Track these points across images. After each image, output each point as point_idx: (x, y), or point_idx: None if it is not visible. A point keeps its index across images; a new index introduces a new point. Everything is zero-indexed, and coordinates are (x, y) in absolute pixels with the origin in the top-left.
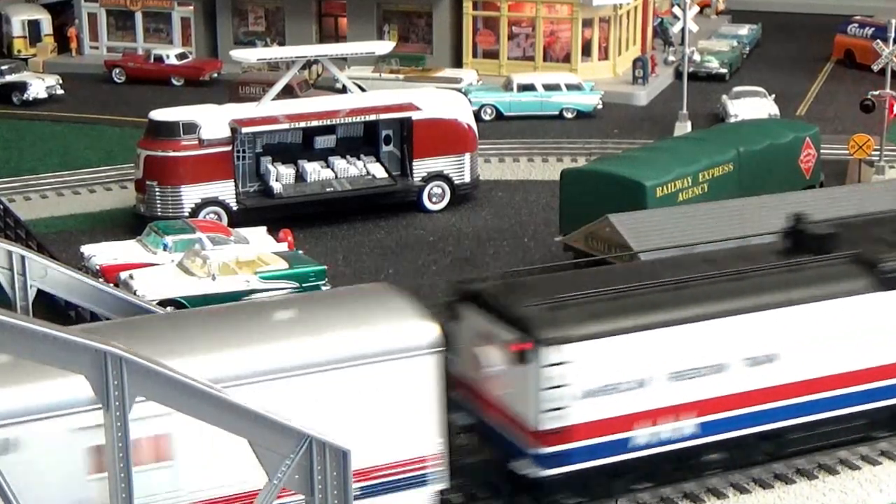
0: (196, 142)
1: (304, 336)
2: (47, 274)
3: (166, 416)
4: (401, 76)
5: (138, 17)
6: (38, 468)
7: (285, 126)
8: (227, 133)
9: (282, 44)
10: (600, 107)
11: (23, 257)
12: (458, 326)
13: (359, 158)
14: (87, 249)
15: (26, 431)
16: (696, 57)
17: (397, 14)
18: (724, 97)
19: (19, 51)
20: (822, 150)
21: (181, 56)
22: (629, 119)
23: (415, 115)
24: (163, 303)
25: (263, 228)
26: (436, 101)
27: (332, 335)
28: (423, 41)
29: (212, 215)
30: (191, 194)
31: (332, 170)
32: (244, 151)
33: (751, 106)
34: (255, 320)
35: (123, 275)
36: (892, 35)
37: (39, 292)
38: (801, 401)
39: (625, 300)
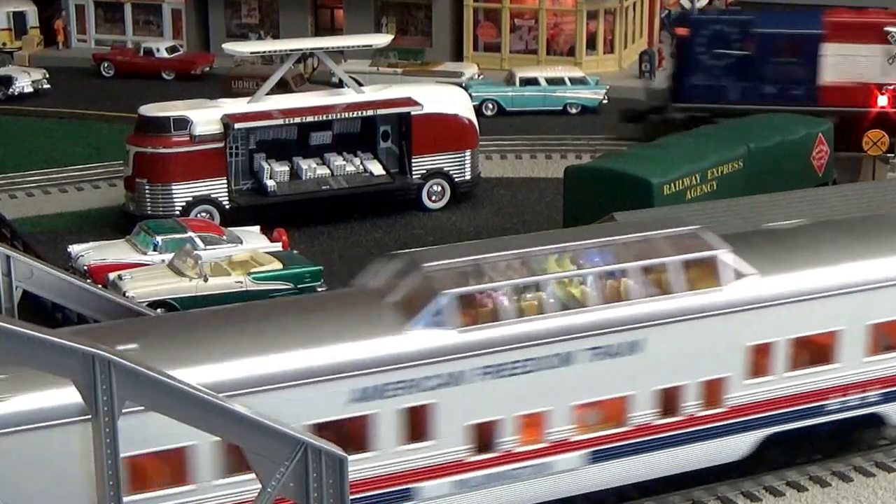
0: (187, 138)
1: None
2: (33, 274)
3: None
4: (399, 70)
5: (127, 8)
6: None
7: (280, 122)
8: (219, 129)
9: (276, 36)
10: (605, 102)
11: (8, 257)
12: None
13: (356, 155)
14: (74, 249)
15: None
16: None
17: (395, 6)
18: None
19: (4, 44)
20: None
21: (172, 49)
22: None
23: (414, 111)
24: (153, 304)
25: (257, 228)
26: (435, 96)
27: None
28: (423, 34)
29: (204, 214)
30: (182, 192)
31: (329, 167)
32: (237, 148)
33: None
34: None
35: (112, 275)
36: None
37: (25, 293)
38: None
39: None
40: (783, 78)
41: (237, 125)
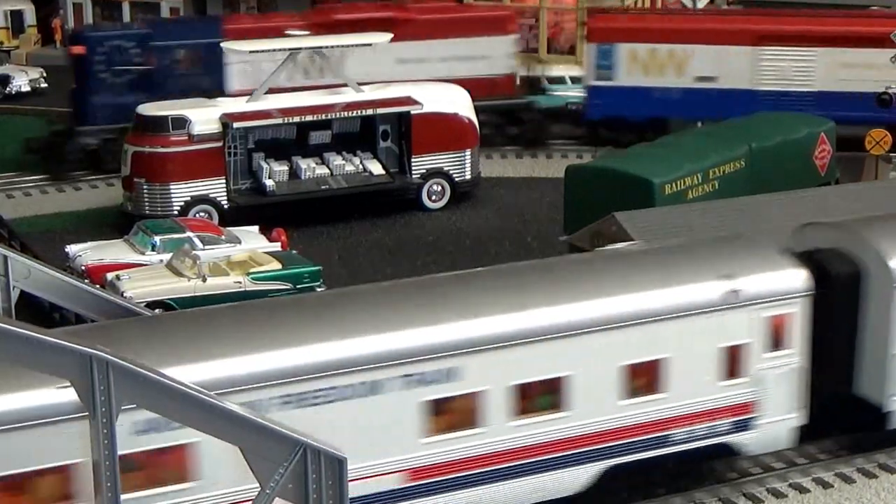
0: (186, 137)
1: None
2: (31, 274)
3: None
4: None
5: (125, 7)
6: None
7: (279, 121)
8: (217, 128)
9: None
10: None
11: (5, 257)
12: None
13: (355, 155)
14: (72, 249)
15: None
16: None
17: None
18: None
19: (2, 42)
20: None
21: None
22: None
23: (414, 110)
24: (151, 305)
25: (256, 227)
26: (435, 95)
27: None
28: None
29: (202, 214)
30: (180, 192)
31: (328, 166)
32: (236, 147)
33: None
34: None
35: (110, 275)
36: None
37: (22, 293)
38: None
39: None
40: (190, 88)
41: (236, 124)
